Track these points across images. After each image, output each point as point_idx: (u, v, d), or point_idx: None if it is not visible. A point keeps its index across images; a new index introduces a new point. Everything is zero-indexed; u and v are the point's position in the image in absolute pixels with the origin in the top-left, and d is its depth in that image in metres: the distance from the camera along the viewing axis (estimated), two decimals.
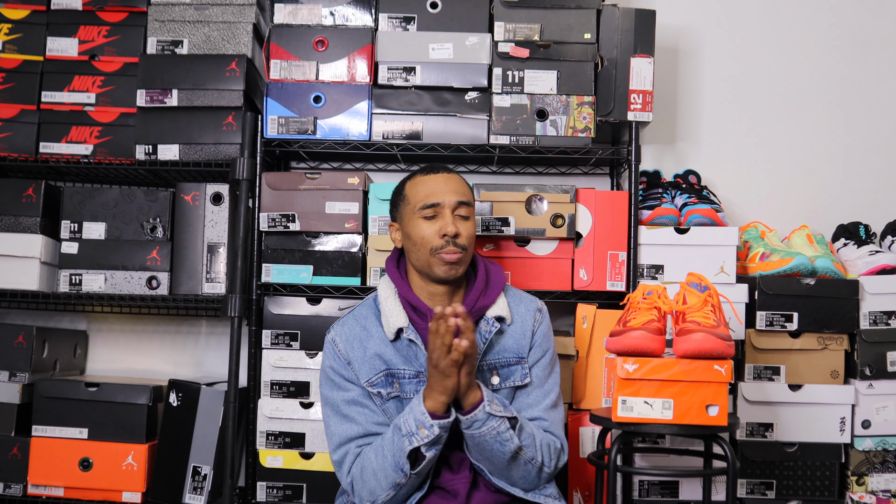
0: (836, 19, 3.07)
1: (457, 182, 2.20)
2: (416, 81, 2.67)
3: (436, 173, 2.20)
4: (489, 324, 2.16)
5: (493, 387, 2.14)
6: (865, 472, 2.62)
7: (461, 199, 2.17)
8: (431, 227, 2.15)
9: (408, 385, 2.13)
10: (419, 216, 2.16)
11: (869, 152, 3.06)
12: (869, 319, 2.62)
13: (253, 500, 2.62)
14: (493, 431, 2.01)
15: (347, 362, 2.15)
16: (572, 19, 2.68)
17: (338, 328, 2.21)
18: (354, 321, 2.20)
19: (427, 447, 2.00)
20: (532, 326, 2.22)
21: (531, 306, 2.25)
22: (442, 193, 2.16)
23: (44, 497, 2.63)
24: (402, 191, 2.23)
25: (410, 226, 2.17)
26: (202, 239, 2.72)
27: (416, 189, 2.19)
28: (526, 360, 2.19)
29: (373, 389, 2.13)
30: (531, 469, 2.08)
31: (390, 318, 2.14)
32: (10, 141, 2.72)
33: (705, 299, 2.21)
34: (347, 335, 2.18)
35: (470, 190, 2.24)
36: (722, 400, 2.11)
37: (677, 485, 2.61)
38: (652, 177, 2.89)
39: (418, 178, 2.21)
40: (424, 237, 2.14)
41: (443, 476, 2.12)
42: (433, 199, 2.16)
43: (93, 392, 2.63)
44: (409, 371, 2.14)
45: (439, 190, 2.17)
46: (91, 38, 2.74)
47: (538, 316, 2.24)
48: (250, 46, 2.72)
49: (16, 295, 2.70)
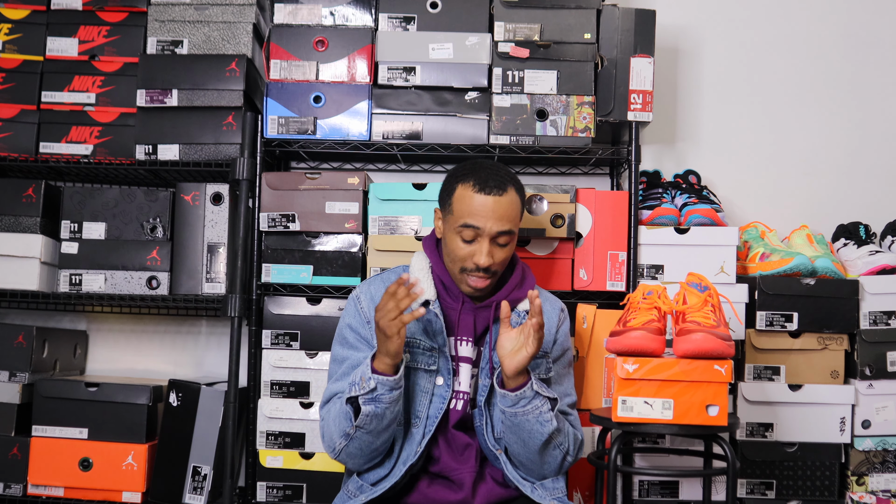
0: (836, 19, 3.07)
1: (507, 205, 2.10)
2: (416, 81, 2.67)
3: (486, 193, 2.09)
4: (519, 316, 2.17)
5: None
6: (865, 472, 2.62)
7: (503, 230, 2.10)
8: (466, 248, 2.10)
9: (421, 356, 2.14)
10: (457, 233, 2.11)
11: (869, 152, 3.06)
12: (869, 319, 2.62)
13: (253, 500, 2.62)
14: (537, 411, 2.04)
15: (367, 321, 2.16)
16: (572, 19, 2.68)
17: (364, 287, 2.21)
18: (382, 284, 2.20)
19: (364, 399, 2.01)
20: (556, 324, 2.25)
21: (556, 305, 2.29)
22: (485, 220, 2.09)
23: (44, 497, 2.63)
24: (453, 192, 2.14)
25: (449, 234, 2.14)
26: (202, 239, 2.72)
27: (464, 203, 2.11)
28: (549, 354, 2.22)
29: None
30: (558, 455, 2.12)
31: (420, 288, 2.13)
32: (10, 141, 2.72)
33: (705, 299, 2.21)
34: (373, 295, 2.18)
35: (520, 207, 2.16)
36: (722, 400, 2.11)
37: (677, 485, 2.61)
38: (652, 177, 2.89)
39: (469, 188, 2.11)
40: (457, 255, 2.12)
41: (447, 465, 2.13)
42: (474, 222, 2.09)
43: (93, 392, 2.63)
44: (425, 343, 2.14)
45: (484, 215, 2.09)
46: (91, 38, 2.74)
47: (561, 315, 2.28)
48: (250, 46, 2.72)
49: (16, 295, 2.70)
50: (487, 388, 2.15)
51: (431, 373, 2.14)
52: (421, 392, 2.14)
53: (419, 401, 2.14)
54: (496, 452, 2.14)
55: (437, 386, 2.14)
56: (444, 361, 2.14)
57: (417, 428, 2.13)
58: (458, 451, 2.15)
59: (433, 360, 2.14)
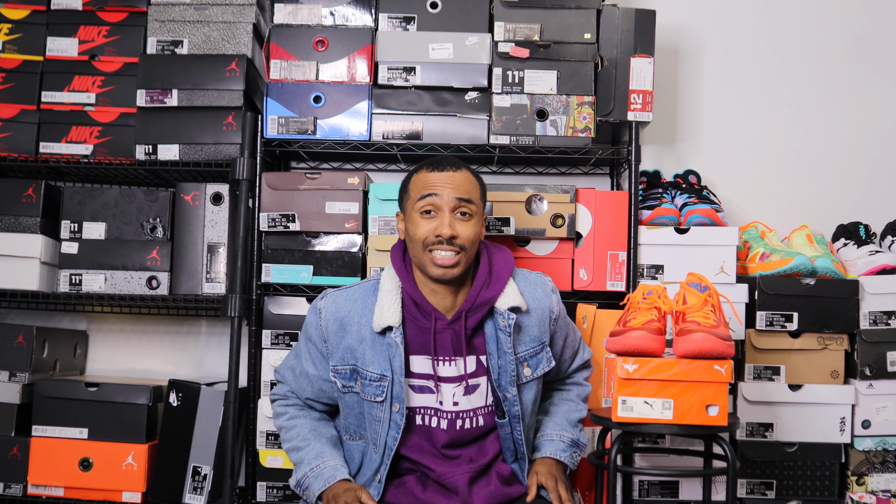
0: (835, 19, 3.07)
1: (461, 179, 2.11)
2: (416, 81, 2.67)
3: (440, 170, 2.11)
4: (505, 318, 2.10)
5: (525, 378, 2.13)
6: (865, 472, 2.62)
7: (462, 197, 2.09)
8: (428, 225, 2.08)
9: (368, 387, 2.09)
10: (417, 212, 2.10)
11: (869, 152, 3.06)
12: (869, 319, 2.62)
13: (253, 500, 2.62)
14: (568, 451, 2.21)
15: (325, 339, 2.15)
16: (572, 19, 2.68)
17: (329, 301, 2.16)
18: (344, 301, 2.15)
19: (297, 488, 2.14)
20: (550, 311, 2.19)
21: (546, 288, 2.22)
22: (441, 191, 2.09)
23: (44, 497, 2.63)
24: (408, 183, 2.17)
25: (409, 221, 2.13)
26: (202, 239, 2.72)
27: (418, 183, 2.13)
28: (548, 344, 2.18)
29: (335, 378, 2.14)
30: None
31: (384, 313, 2.08)
32: (10, 141, 2.72)
33: (705, 299, 2.21)
34: (334, 314, 2.14)
35: (478, 187, 2.15)
36: (722, 400, 2.11)
37: (677, 485, 2.62)
38: (652, 177, 2.89)
39: (423, 172, 2.13)
40: (419, 235, 2.08)
41: (440, 471, 2.09)
42: (431, 191, 2.10)
43: (93, 392, 2.63)
44: (375, 373, 2.09)
45: (440, 187, 2.09)
46: (91, 38, 2.74)
47: (554, 298, 2.22)
48: (250, 46, 2.72)
49: (16, 295, 2.70)
50: (516, 398, 2.11)
51: (379, 403, 2.09)
52: (374, 420, 2.10)
53: (373, 428, 2.11)
54: (527, 455, 2.15)
55: (393, 413, 2.08)
56: (398, 389, 2.08)
57: (376, 454, 2.10)
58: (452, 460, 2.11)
59: (382, 389, 2.08)
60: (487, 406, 2.13)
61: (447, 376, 2.11)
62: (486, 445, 2.14)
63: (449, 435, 2.10)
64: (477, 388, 2.12)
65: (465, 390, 2.11)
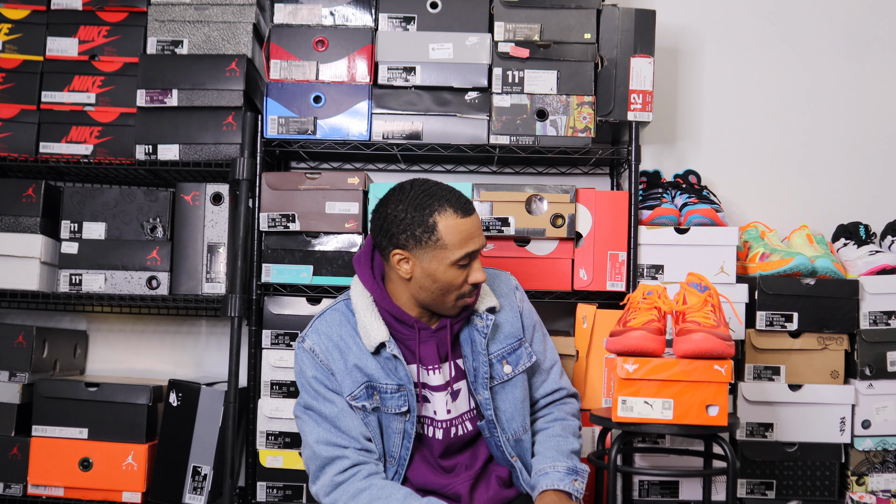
0: (835, 19, 3.07)
1: (479, 220, 2.09)
2: (416, 81, 2.67)
3: (469, 215, 2.03)
4: (484, 319, 2.11)
5: (507, 376, 2.12)
6: (865, 472, 2.62)
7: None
8: (462, 274, 2.02)
9: (389, 400, 2.06)
10: (453, 261, 2.01)
11: (869, 152, 3.06)
12: (869, 319, 2.62)
13: (253, 500, 2.62)
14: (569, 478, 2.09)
15: (331, 372, 2.07)
16: (572, 19, 2.68)
17: (313, 336, 2.10)
18: (329, 329, 2.10)
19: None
20: (517, 305, 2.20)
21: (509, 283, 2.23)
22: (478, 240, 2.04)
23: (44, 497, 2.63)
24: (434, 228, 2.00)
25: (439, 270, 2.01)
26: (202, 239, 2.72)
27: (455, 234, 2.00)
28: (526, 342, 2.18)
29: (356, 403, 2.06)
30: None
31: (371, 332, 2.05)
32: (10, 141, 2.72)
33: (705, 299, 2.21)
34: (325, 344, 2.08)
35: None
36: (722, 400, 2.11)
37: (677, 485, 2.61)
38: (652, 177, 2.89)
39: (454, 218, 2.01)
40: (455, 283, 2.02)
41: (441, 482, 2.09)
42: (474, 247, 2.03)
43: (93, 392, 2.63)
44: (391, 385, 2.06)
45: (476, 236, 2.03)
46: (91, 38, 2.74)
47: (518, 294, 2.22)
48: (250, 46, 2.72)
49: (16, 295, 2.70)
50: (490, 400, 2.09)
51: (402, 415, 2.07)
52: (394, 433, 2.08)
53: (392, 441, 2.08)
54: (511, 461, 2.12)
55: (406, 423, 2.07)
56: (413, 398, 2.06)
57: (391, 466, 2.08)
58: (454, 470, 2.11)
59: (402, 399, 2.06)
60: (471, 410, 2.13)
61: (435, 385, 2.11)
62: (477, 450, 2.14)
63: (444, 444, 2.10)
64: (459, 392, 2.12)
65: (451, 396, 2.11)
